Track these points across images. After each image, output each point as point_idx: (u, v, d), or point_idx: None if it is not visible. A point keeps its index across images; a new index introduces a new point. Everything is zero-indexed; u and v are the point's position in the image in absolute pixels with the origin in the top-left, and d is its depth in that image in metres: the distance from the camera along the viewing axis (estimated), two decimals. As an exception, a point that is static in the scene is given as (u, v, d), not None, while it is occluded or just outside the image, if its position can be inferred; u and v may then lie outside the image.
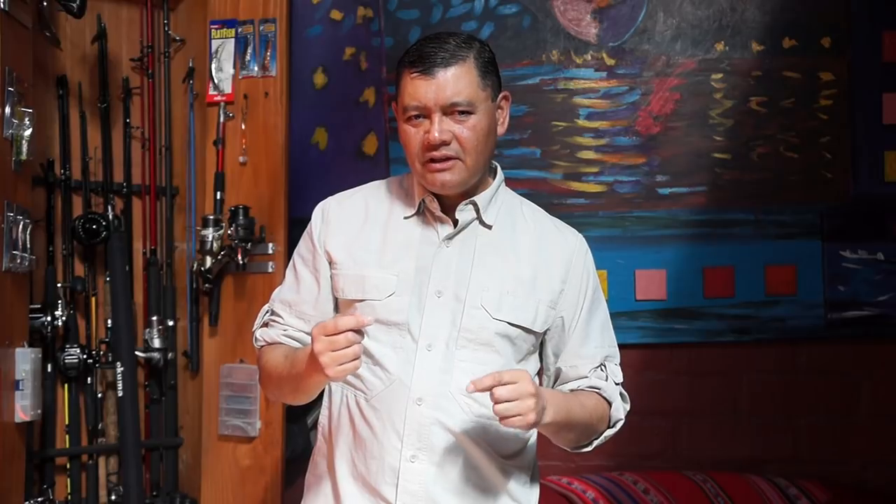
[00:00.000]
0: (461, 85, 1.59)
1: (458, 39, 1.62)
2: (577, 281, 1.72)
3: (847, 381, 2.96)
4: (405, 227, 1.69)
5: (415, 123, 1.61)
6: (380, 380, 1.64)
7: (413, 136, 1.62)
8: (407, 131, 1.62)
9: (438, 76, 1.58)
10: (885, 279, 2.95)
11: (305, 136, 3.11)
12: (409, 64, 1.61)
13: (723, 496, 2.73)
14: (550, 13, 3.07)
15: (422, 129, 1.61)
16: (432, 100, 1.58)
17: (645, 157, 3.03)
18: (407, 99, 1.60)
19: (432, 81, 1.58)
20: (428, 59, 1.59)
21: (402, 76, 1.62)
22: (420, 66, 1.59)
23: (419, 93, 1.59)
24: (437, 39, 1.62)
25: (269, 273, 2.66)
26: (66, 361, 2.61)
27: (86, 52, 2.75)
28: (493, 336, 1.64)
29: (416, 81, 1.59)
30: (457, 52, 1.60)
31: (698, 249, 3.00)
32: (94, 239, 2.66)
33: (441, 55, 1.59)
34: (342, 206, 1.75)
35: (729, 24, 3.02)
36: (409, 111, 1.61)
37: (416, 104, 1.59)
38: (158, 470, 2.77)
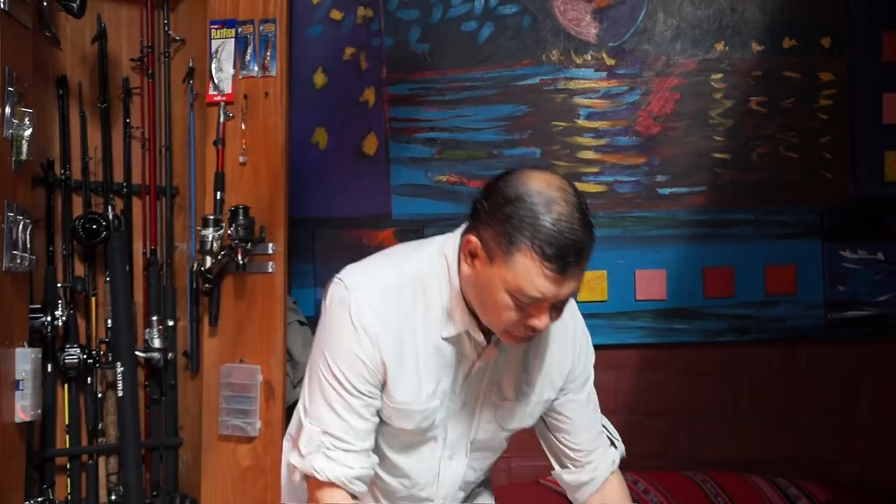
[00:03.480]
0: (578, 283, 1.52)
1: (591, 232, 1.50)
2: (578, 374, 1.78)
3: (847, 381, 2.96)
4: (443, 346, 1.64)
5: (518, 301, 1.50)
6: (402, 486, 1.73)
7: (511, 312, 1.52)
8: (507, 305, 1.51)
9: (568, 276, 1.48)
10: (885, 279, 2.95)
11: (305, 136, 3.11)
12: (543, 255, 1.46)
13: (723, 496, 2.73)
14: (550, 13, 3.07)
15: (525, 312, 1.51)
16: (555, 296, 1.50)
17: (645, 157, 3.03)
18: (530, 288, 1.48)
19: (561, 281, 1.48)
20: (566, 258, 1.46)
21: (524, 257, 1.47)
22: (557, 265, 1.46)
23: (545, 289, 1.48)
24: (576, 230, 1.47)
25: (269, 273, 2.66)
26: (66, 361, 2.60)
27: (86, 52, 2.75)
28: (502, 441, 1.78)
29: (546, 277, 1.47)
30: (590, 252, 1.50)
31: (698, 249, 3.00)
32: (94, 239, 2.65)
33: (581, 250, 1.48)
34: (382, 320, 1.62)
35: (729, 24, 3.02)
36: (524, 296, 1.49)
37: (538, 297, 1.49)
38: (158, 470, 2.77)
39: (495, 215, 1.50)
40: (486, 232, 1.51)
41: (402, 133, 3.10)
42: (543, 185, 1.49)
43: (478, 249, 1.53)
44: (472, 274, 1.55)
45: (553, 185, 1.50)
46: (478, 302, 1.57)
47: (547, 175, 1.52)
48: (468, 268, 1.56)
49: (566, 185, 1.52)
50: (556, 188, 1.49)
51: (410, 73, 3.10)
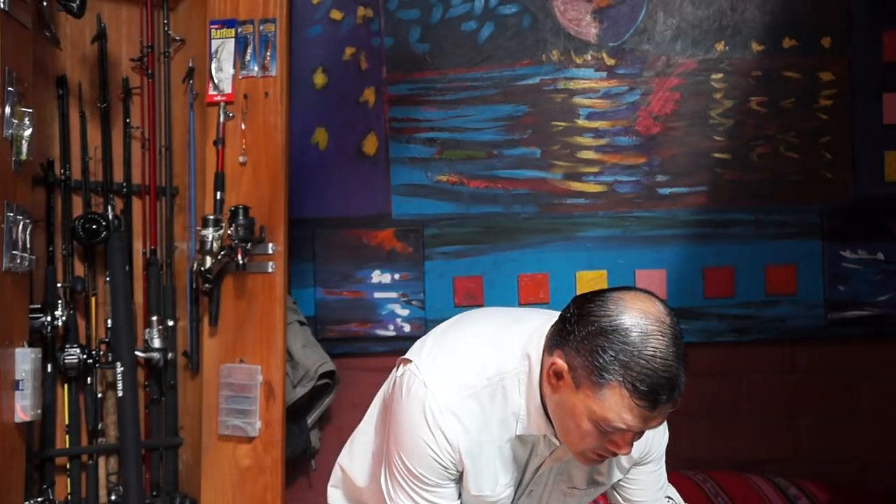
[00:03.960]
0: (666, 416, 1.50)
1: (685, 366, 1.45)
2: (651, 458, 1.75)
3: (847, 381, 2.96)
4: (517, 441, 1.62)
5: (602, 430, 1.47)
6: None
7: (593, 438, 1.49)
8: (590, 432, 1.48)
9: (658, 411, 1.45)
10: (885, 279, 2.95)
11: (305, 136, 3.11)
12: (634, 392, 1.42)
13: (723, 496, 2.73)
14: (550, 13, 3.07)
15: (606, 437, 1.48)
16: (640, 428, 1.47)
17: (645, 157, 3.03)
18: (615, 420, 1.44)
19: (651, 416, 1.45)
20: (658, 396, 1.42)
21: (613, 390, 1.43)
22: (648, 402, 1.42)
23: (632, 424, 1.45)
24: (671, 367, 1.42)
25: (269, 273, 2.66)
26: (66, 361, 2.60)
27: (86, 52, 2.75)
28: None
29: (635, 413, 1.43)
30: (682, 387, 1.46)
31: (698, 249, 3.00)
32: (94, 239, 2.65)
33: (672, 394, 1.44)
34: (463, 426, 1.58)
35: (729, 24, 3.02)
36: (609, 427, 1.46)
37: (623, 428, 1.46)
38: (158, 470, 2.77)
39: (587, 345, 1.45)
40: (576, 359, 1.46)
41: (402, 133, 3.10)
42: (640, 316, 1.43)
43: (564, 373, 1.48)
44: (556, 394, 1.51)
45: (651, 316, 1.44)
46: (558, 421, 1.53)
47: (644, 303, 1.46)
48: (550, 388, 1.52)
49: (664, 314, 1.46)
50: (654, 320, 1.44)
51: (410, 73, 3.10)
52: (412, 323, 3.06)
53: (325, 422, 3.05)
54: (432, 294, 3.06)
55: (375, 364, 3.07)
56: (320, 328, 3.08)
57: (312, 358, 2.89)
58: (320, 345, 2.97)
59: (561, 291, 3.01)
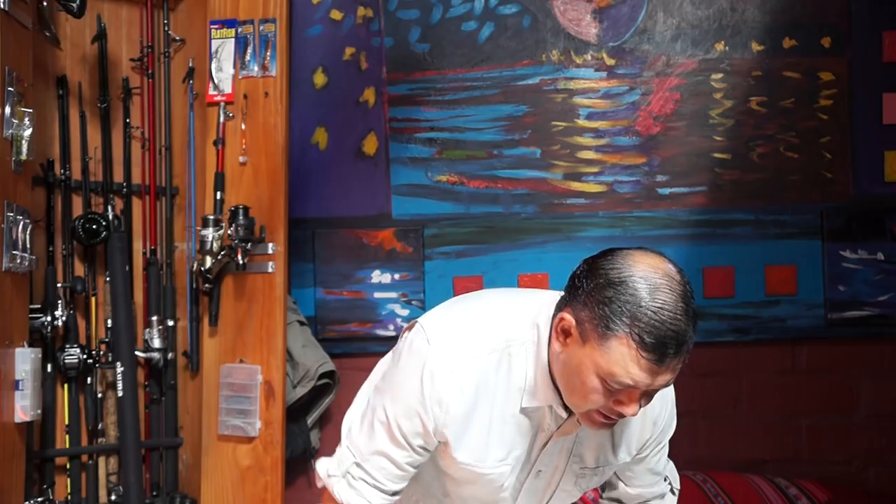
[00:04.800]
0: (675, 375, 1.47)
1: (695, 324, 1.45)
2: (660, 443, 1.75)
3: (847, 381, 2.96)
4: (520, 417, 1.60)
5: (608, 386, 1.45)
6: None
7: (599, 396, 1.47)
8: (597, 389, 1.47)
9: (665, 367, 1.43)
10: (885, 279, 2.95)
11: (305, 136, 3.11)
12: (641, 344, 1.41)
13: (723, 496, 2.73)
14: (550, 13, 3.07)
15: (614, 396, 1.47)
16: (647, 385, 1.45)
17: (645, 157, 3.03)
18: (623, 375, 1.43)
19: (657, 371, 1.43)
20: (665, 349, 1.41)
21: (619, 342, 1.42)
22: (655, 355, 1.41)
23: (639, 378, 1.43)
24: (679, 321, 1.42)
25: (269, 273, 2.66)
26: (66, 361, 2.60)
27: (86, 52, 2.75)
28: (574, 498, 1.75)
29: (642, 365, 1.42)
30: (690, 344, 1.45)
31: (698, 249, 3.00)
32: (94, 239, 2.65)
33: (681, 342, 1.42)
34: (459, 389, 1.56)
35: (729, 24, 3.02)
36: (615, 382, 1.44)
37: (631, 384, 1.44)
38: (158, 470, 2.77)
39: (594, 297, 1.44)
40: (583, 312, 1.46)
41: (402, 133, 3.10)
42: (649, 270, 1.43)
43: (572, 328, 1.48)
44: (563, 352, 1.50)
45: (659, 270, 1.44)
46: (564, 381, 1.52)
47: (654, 259, 1.46)
48: (559, 345, 1.51)
49: (674, 271, 1.45)
50: (663, 275, 1.43)
51: (410, 73, 3.10)
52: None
53: (325, 422, 3.05)
54: (432, 294, 3.05)
55: (375, 364, 3.08)
56: (320, 328, 3.08)
57: (312, 358, 2.90)
58: (320, 345, 2.98)
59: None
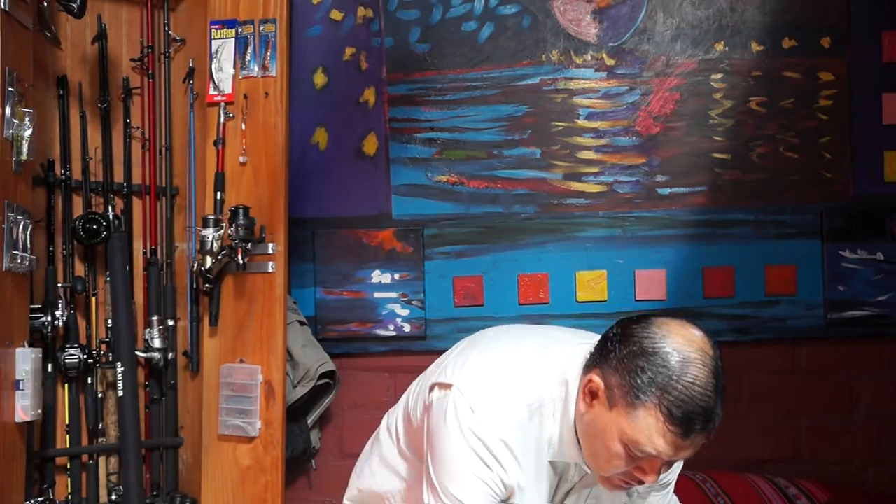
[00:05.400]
0: (697, 448, 1.48)
1: (722, 399, 1.45)
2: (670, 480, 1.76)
3: (847, 381, 2.96)
4: (549, 468, 1.62)
5: (631, 453, 1.47)
6: None
7: (621, 460, 1.49)
8: (619, 454, 1.48)
9: (690, 440, 1.45)
10: (885, 279, 2.95)
11: (305, 136, 3.11)
12: (669, 417, 1.42)
13: (723, 496, 2.73)
14: (550, 13, 3.07)
15: (634, 461, 1.48)
16: (669, 456, 1.46)
17: (645, 157, 3.03)
18: (645, 443, 1.45)
19: (682, 444, 1.45)
20: (692, 425, 1.42)
21: (647, 412, 1.43)
22: (681, 429, 1.42)
23: (663, 450, 1.45)
24: (708, 398, 1.42)
25: (270, 273, 2.66)
26: (67, 361, 2.60)
27: (86, 52, 2.75)
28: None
29: (667, 438, 1.43)
30: (717, 420, 1.45)
31: (698, 249, 3.00)
32: (94, 239, 2.65)
33: (706, 425, 1.43)
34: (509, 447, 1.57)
35: (729, 24, 3.02)
36: (639, 451, 1.46)
37: (653, 453, 1.46)
38: (158, 470, 2.77)
39: (626, 364, 1.45)
40: (613, 378, 1.47)
41: (402, 133, 3.10)
42: (683, 342, 1.43)
43: (600, 391, 1.49)
44: (588, 413, 1.51)
45: (693, 344, 1.44)
46: (588, 441, 1.53)
47: (688, 331, 1.47)
48: (585, 406, 1.52)
49: (708, 345, 1.46)
50: (696, 349, 1.44)
51: (410, 73, 3.10)
52: (412, 323, 3.07)
53: (325, 422, 3.05)
54: (432, 294, 3.06)
55: (375, 364, 3.08)
56: (320, 328, 3.08)
57: (312, 358, 2.90)
58: (320, 345, 2.98)
59: (561, 291, 3.01)
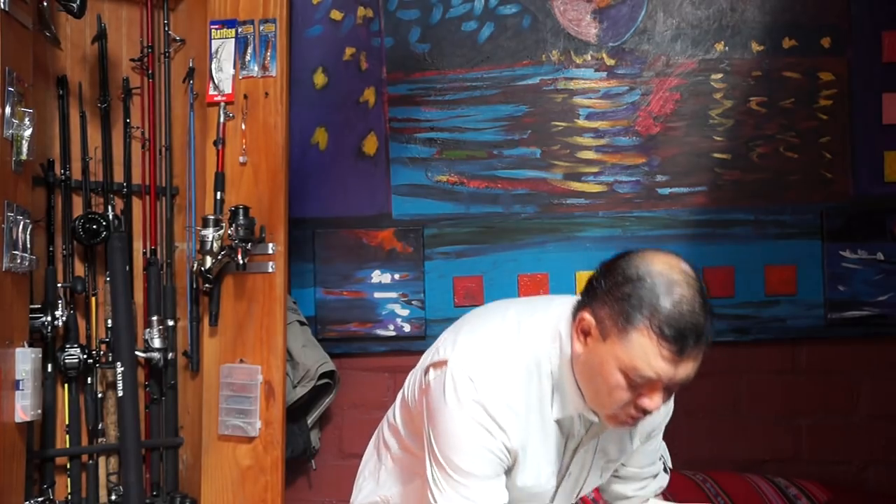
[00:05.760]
0: (695, 367, 1.51)
1: (708, 309, 1.49)
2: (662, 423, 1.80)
3: (847, 381, 2.96)
4: (554, 428, 1.63)
5: (631, 381, 1.49)
6: None
7: (624, 393, 1.50)
8: (620, 384, 1.49)
9: (688, 358, 1.48)
10: (885, 279, 2.95)
11: (305, 136, 3.11)
12: (661, 335, 1.45)
13: (723, 496, 2.73)
14: (550, 13, 3.07)
15: (636, 392, 1.49)
16: (669, 380, 1.49)
17: (645, 157, 3.03)
18: (645, 368, 1.46)
19: (681, 362, 1.47)
20: (685, 340, 1.45)
21: (642, 335, 1.46)
22: (675, 346, 1.45)
23: (661, 370, 1.47)
24: (691, 306, 1.47)
25: (270, 273, 2.66)
26: (66, 361, 2.60)
27: (86, 52, 2.75)
28: None
29: (664, 356, 1.46)
30: (710, 330, 1.49)
31: (698, 249, 2.99)
32: (94, 239, 2.66)
33: (700, 334, 1.47)
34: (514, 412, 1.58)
35: (729, 24, 3.02)
36: (638, 376, 1.48)
37: (653, 377, 1.48)
38: (158, 470, 2.77)
39: (613, 294, 1.48)
40: (602, 310, 1.49)
41: (402, 133, 3.10)
42: (666, 267, 1.48)
43: (591, 328, 1.51)
44: (584, 352, 1.53)
45: (676, 267, 1.48)
46: (587, 381, 1.54)
47: (670, 257, 1.51)
48: (580, 346, 1.53)
49: (689, 268, 1.50)
50: (679, 271, 1.48)
51: (410, 73, 3.10)
52: (412, 323, 3.06)
53: (325, 422, 3.05)
54: (432, 294, 3.06)
55: (375, 364, 3.08)
56: (320, 328, 3.08)
57: (312, 358, 2.90)
58: (320, 345, 2.98)
59: (561, 291, 2.99)
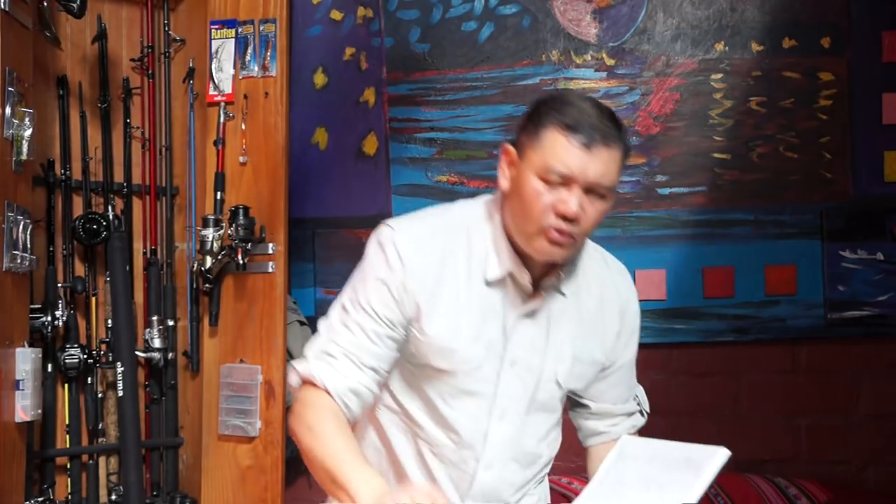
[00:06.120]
0: (612, 168, 1.53)
1: (614, 119, 1.55)
2: (626, 334, 1.77)
3: (847, 381, 2.96)
4: (487, 293, 1.62)
5: (550, 186, 1.52)
6: (452, 442, 1.66)
7: (544, 198, 1.52)
8: (538, 190, 1.53)
9: (594, 152, 1.51)
10: (885, 279, 2.95)
11: (305, 136, 3.11)
12: (564, 126, 1.51)
13: (723, 496, 2.73)
14: (550, 13, 3.07)
15: (555, 196, 1.52)
16: (582, 173, 1.51)
17: (645, 157, 3.03)
18: (555, 162, 1.51)
19: (588, 155, 1.50)
20: (591, 131, 1.50)
21: (547, 132, 1.52)
22: (582, 135, 1.50)
23: (573, 162, 1.50)
24: (596, 111, 1.54)
25: (270, 273, 2.66)
26: (67, 361, 2.60)
27: (86, 52, 2.75)
28: (557, 403, 1.73)
29: (573, 149, 1.50)
30: (617, 135, 1.53)
31: (698, 249, 3.00)
32: (94, 239, 2.66)
33: (603, 132, 1.51)
34: (422, 254, 1.61)
35: (729, 24, 3.02)
36: (551, 173, 1.51)
37: (564, 171, 1.51)
38: (158, 470, 2.77)
39: (528, 116, 1.58)
40: (521, 135, 1.58)
41: (402, 133, 3.10)
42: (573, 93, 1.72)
43: (512, 153, 1.58)
44: (510, 184, 1.59)
45: (583, 95, 1.60)
46: (514, 213, 1.58)
47: None
48: (506, 181, 1.60)
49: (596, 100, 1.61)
50: (587, 97, 1.59)
51: (410, 73, 3.10)
52: (412, 323, 3.06)
53: (325, 422, 3.05)
54: (432, 294, 3.05)
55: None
56: (320, 328, 3.08)
57: (312, 358, 2.89)
58: (320, 345, 2.97)
59: (561, 291, 3.01)
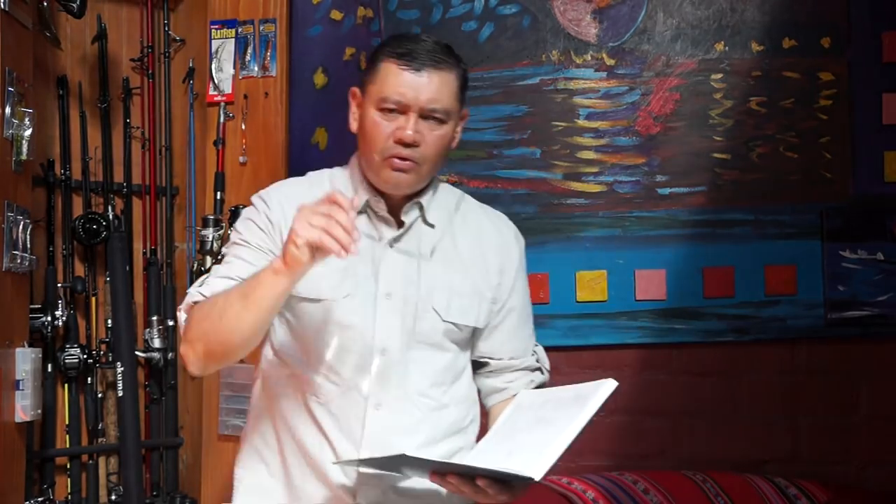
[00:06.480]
0: (444, 92, 1.60)
1: (442, 46, 1.63)
2: (510, 272, 1.77)
3: (847, 381, 2.96)
4: None
5: (387, 116, 1.59)
6: (335, 385, 1.61)
7: (383, 127, 1.59)
8: (377, 121, 1.60)
9: (426, 76, 1.58)
10: (885, 279, 2.95)
11: (305, 136, 3.11)
12: (396, 56, 1.58)
13: (723, 496, 2.73)
14: (550, 13, 3.07)
15: (393, 124, 1.59)
16: (415, 98, 1.57)
17: (645, 157, 3.03)
18: (388, 90, 1.58)
19: (419, 79, 1.57)
20: (419, 56, 1.58)
21: (381, 64, 1.60)
22: (410, 60, 1.57)
23: (405, 87, 1.57)
24: (424, 40, 1.63)
25: (269, 273, 2.66)
26: (66, 361, 2.61)
27: (86, 52, 2.76)
28: (442, 337, 1.67)
29: (403, 75, 1.57)
30: (446, 59, 1.60)
31: (698, 249, 2.99)
32: (94, 239, 2.66)
33: (433, 56, 1.59)
34: (283, 194, 1.70)
35: (729, 24, 3.02)
36: (387, 102, 1.58)
37: (398, 98, 1.58)
38: (158, 470, 2.77)
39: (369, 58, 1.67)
40: (363, 75, 1.66)
41: (402, 133, 3.10)
42: None
43: (357, 94, 1.66)
44: (358, 124, 1.65)
45: None
46: (362, 147, 1.65)
47: None
48: (354, 122, 1.67)
49: None
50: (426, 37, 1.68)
51: (410, 73, 3.10)
52: (412, 323, 3.06)
53: (325, 422, 3.05)
54: (432, 294, 3.05)
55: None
56: (320, 328, 3.08)
57: (312, 358, 2.89)
58: (320, 345, 2.97)
59: (561, 291, 3.01)
